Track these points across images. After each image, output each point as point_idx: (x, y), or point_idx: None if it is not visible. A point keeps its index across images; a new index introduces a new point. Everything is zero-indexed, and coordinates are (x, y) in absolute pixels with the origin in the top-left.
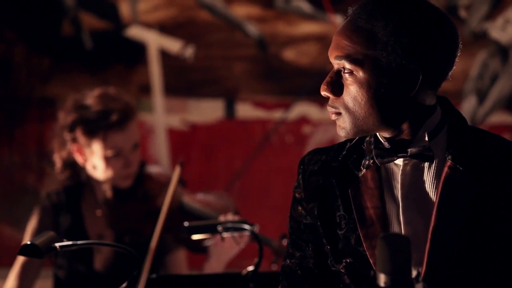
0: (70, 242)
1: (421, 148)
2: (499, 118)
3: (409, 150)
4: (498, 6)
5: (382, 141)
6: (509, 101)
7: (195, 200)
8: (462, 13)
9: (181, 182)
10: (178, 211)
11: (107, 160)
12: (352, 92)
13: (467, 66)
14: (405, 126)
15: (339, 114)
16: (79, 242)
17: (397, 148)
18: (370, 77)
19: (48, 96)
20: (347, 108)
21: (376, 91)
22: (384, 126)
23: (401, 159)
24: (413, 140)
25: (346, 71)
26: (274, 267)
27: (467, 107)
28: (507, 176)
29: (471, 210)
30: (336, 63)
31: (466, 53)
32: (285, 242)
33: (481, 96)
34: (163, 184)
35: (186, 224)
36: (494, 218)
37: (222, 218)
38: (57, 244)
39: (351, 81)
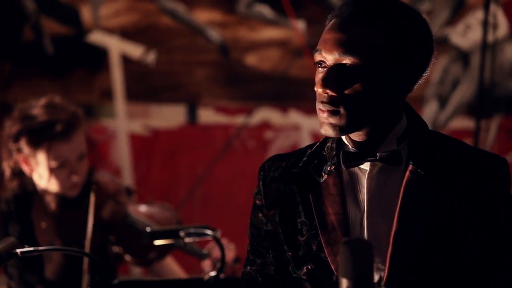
0: (31, 248)
1: (389, 152)
2: (460, 123)
3: (378, 154)
4: (459, 12)
5: (350, 145)
6: (470, 106)
7: (139, 212)
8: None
9: (128, 192)
10: (122, 223)
11: (52, 170)
12: (355, 88)
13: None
14: (377, 129)
15: (335, 112)
16: (40, 248)
17: (365, 152)
18: (370, 73)
19: (9, 101)
20: (347, 105)
21: (377, 88)
22: (368, 127)
23: (368, 163)
24: (382, 144)
25: (348, 66)
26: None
27: (429, 112)
28: (467, 180)
29: (432, 215)
30: (335, 59)
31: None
32: (237, 266)
33: (442, 101)
34: (111, 193)
35: (148, 229)
36: (455, 222)
37: None
38: (18, 250)
39: (355, 77)
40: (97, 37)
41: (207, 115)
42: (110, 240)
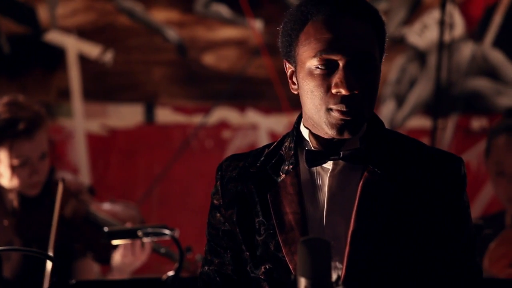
0: None
1: (352, 151)
2: (417, 122)
3: (341, 152)
4: (415, 12)
5: (313, 144)
6: (427, 105)
7: (102, 210)
8: None
9: (90, 190)
10: (84, 221)
11: (14, 168)
12: (371, 82)
13: (385, 71)
14: None
15: (358, 110)
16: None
17: (330, 151)
18: (376, 66)
19: None
20: (365, 101)
21: (379, 80)
22: None
23: (331, 162)
24: (345, 143)
25: (364, 61)
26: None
27: (386, 111)
28: (424, 179)
29: (390, 214)
30: (350, 56)
31: (384, 58)
32: (189, 255)
33: (400, 100)
34: (72, 192)
35: (106, 229)
36: (412, 221)
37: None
38: None
39: (369, 70)
40: (54, 37)
41: (165, 115)
42: (72, 238)
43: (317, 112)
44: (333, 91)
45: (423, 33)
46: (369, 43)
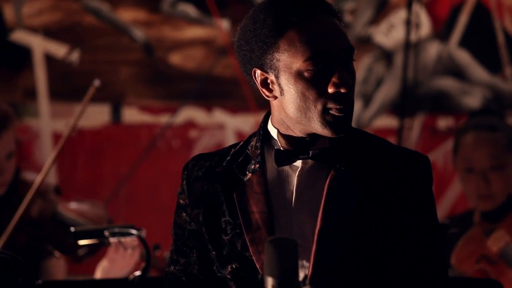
0: None
1: (321, 150)
2: (384, 121)
3: (310, 151)
4: (382, 11)
5: (281, 143)
6: (394, 105)
7: (69, 210)
8: (347, 18)
9: (56, 190)
10: (52, 220)
11: None
12: (355, 78)
13: None
14: None
15: (351, 107)
16: None
17: (299, 150)
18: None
19: None
20: (353, 97)
21: None
22: None
23: (299, 161)
24: (315, 142)
25: (351, 57)
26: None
27: None
28: (390, 178)
29: (356, 213)
30: (341, 53)
31: None
32: (158, 253)
33: (366, 100)
34: (38, 191)
35: (72, 229)
36: (378, 220)
37: None
38: None
39: (352, 65)
40: (20, 36)
41: (132, 115)
42: (38, 238)
43: (307, 114)
44: (330, 90)
45: (390, 33)
46: (348, 39)
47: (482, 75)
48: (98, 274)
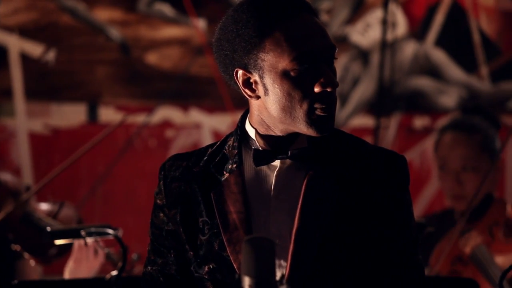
0: None
1: (300, 150)
2: (360, 121)
3: (289, 151)
4: (358, 11)
5: (260, 143)
6: (370, 104)
7: (39, 210)
8: (324, 17)
9: (28, 190)
10: (21, 221)
11: None
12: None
13: None
14: None
15: (335, 107)
16: None
17: (278, 149)
18: None
19: None
20: (336, 97)
21: None
22: None
23: (278, 161)
24: (293, 141)
25: (334, 56)
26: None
27: None
28: (367, 178)
29: (333, 212)
30: (325, 52)
31: None
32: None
33: (343, 99)
34: (10, 191)
35: (48, 229)
36: (356, 220)
37: None
38: None
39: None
40: None
41: (108, 114)
42: (8, 238)
43: (292, 113)
44: (317, 89)
45: (366, 32)
46: (330, 37)
47: (458, 75)
48: (66, 275)
